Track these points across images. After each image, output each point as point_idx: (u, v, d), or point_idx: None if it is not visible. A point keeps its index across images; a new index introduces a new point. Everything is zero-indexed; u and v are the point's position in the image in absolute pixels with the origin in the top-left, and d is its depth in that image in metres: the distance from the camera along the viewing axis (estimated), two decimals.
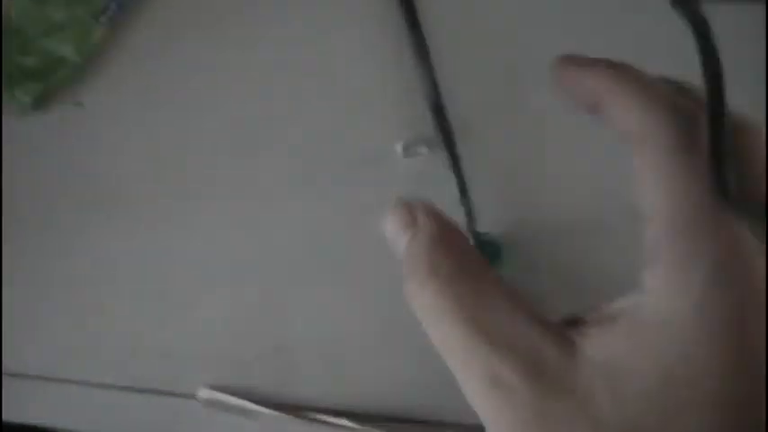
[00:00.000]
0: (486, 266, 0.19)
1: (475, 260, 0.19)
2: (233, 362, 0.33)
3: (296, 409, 0.32)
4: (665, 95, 0.19)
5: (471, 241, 0.31)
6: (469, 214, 0.33)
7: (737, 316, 0.17)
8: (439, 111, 0.34)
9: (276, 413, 0.32)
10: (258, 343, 0.33)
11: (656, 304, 0.18)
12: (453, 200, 0.33)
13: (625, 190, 0.20)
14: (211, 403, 0.33)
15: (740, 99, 0.32)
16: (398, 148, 0.34)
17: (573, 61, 0.21)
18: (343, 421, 0.32)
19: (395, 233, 0.21)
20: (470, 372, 0.18)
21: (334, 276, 0.34)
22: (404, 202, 0.21)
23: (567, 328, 0.18)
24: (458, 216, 0.32)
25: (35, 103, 0.34)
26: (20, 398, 0.33)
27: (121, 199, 0.34)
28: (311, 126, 0.35)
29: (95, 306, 0.34)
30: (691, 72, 0.18)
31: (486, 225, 0.33)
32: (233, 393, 0.32)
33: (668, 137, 0.19)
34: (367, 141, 0.35)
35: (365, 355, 0.33)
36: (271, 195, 0.34)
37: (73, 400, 0.33)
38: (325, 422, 0.32)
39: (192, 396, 0.33)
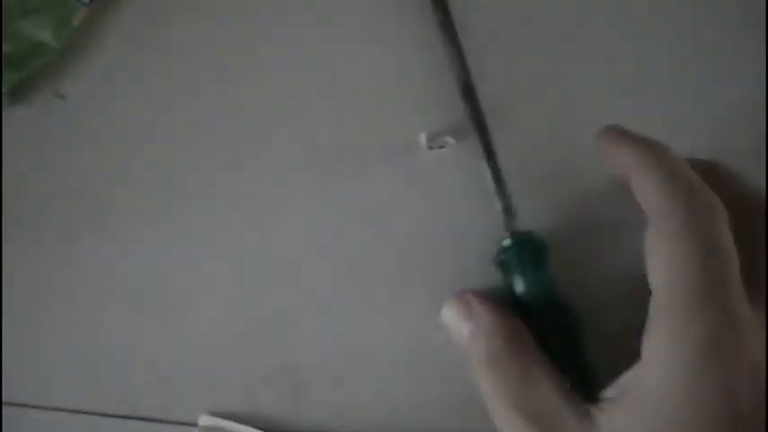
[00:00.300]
0: (532, 347, 0.25)
1: (524, 344, 0.25)
2: (235, 385, 0.31)
3: None
4: (685, 181, 0.23)
5: (510, 242, 0.29)
6: (507, 211, 0.29)
7: (730, 388, 0.20)
8: (468, 92, 0.30)
9: None
10: (263, 363, 0.31)
11: (650, 378, 0.21)
12: (487, 195, 0.30)
13: None
14: (212, 431, 0.31)
15: (740, 99, 0.31)
16: (422, 139, 0.31)
17: (611, 135, 0.25)
18: None
19: (455, 325, 0.27)
20: None
21: (348, 287, 0.31)
22: (458, 294, 0.27)
23: (589, 404, 0.23)
24: (494, 213, 0.30)
25: (11, 95, 0.31)
26: (18, 428, 0.31)
27: (112, 205, 0.32)
28: (321, 116, 0.32)
29: (89, 324, 0.31)
30: None
31: (526, 222, 0.30)
32: (236, 420, 0.31)
33: (675, 220, 0.22)
34: (385, 133, 0.32)
35: (382, 376, 0.31)
36: (277, 198, 0.32)
37: (67, 429, 0.31)
38: None
39: (192, 423, 0.31)
